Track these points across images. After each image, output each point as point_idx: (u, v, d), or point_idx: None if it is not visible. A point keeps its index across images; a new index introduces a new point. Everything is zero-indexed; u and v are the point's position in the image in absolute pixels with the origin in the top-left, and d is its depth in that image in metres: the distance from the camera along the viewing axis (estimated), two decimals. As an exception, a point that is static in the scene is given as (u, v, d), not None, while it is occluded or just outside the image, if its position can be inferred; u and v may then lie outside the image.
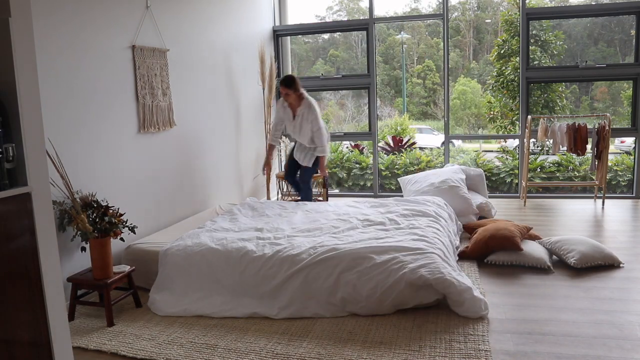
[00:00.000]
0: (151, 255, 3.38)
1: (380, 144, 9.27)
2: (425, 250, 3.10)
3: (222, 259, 3.18)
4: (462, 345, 2.49)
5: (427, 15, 10.80)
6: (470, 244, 3.91)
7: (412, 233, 3.45)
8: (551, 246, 3.81)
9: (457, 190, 4.96)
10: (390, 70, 16.62)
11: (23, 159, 1.83)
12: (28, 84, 1.85)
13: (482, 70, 15.63)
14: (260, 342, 2.61)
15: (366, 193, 7.12)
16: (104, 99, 3.49)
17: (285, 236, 3.49)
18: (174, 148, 4.35)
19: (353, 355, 2.42)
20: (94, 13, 3.39)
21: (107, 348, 2.60)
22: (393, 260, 2.97)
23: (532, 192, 6.69)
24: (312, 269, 3.02)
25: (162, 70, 4.12)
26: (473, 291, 2.83)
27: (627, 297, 3.06)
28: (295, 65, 13.77)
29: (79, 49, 3.26)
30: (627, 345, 2.46)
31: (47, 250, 1.91)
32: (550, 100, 10.40)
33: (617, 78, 8.45)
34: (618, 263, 3.60)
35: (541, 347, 2.47)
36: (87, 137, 3.34)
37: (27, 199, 1.84)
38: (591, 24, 11.87)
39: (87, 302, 3.07)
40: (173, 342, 2.63)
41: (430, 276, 2.82)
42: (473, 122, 15.08)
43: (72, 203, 2.93)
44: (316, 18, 15.14)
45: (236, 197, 5.47)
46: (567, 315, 2.82)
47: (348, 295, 2.92)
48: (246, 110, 5.82)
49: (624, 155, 7.45)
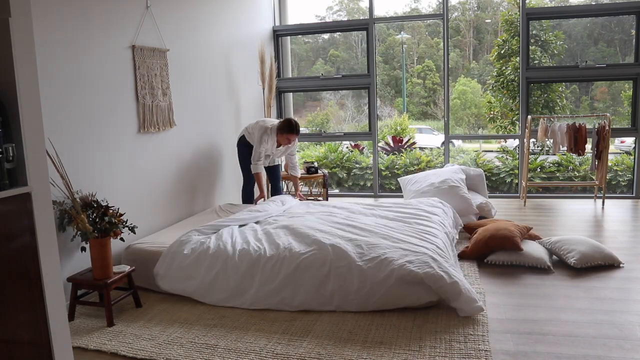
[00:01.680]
0: (151, 255, 3.38)
1: (380, 144, 9.27)
2: (416, 245, 3.15)
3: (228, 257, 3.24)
4: (462, 345, 2.49)
5: (427, 15, 10.80)
6: (470, 244, 3.91)
7: (405, 229, 3.52)
8: (551, 246, 3.81)
9: (457, 190, 4.96)
10: (390, 70, 16.62)
11: (23, 159, 1.83)
12: (28, 84, 1.85)
13: (482, 70, 15.63)
14: (260, 342, 2.61)
15: (366, 193, 7.12)
16: (104, 99, 3.49)
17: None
18: (174, 148, 4.35)
19: (353, 355, 2.42)
20: (94, 13, 3.39)
21: (107, 348, 2.60)
22: (384, 255, 3.01)
23: (532, 192, 6.69)
24: (305, 259, 3.08)
25: (162, 70, 4.12)
26: (465, 284, 2.86)
27: (627, 297, 3.06)
28: (295, 65, 13.78)
29: (79, 49, 3.26)
30: (627, 345, 2.46)
31: (47, 250, 1.91)
32: (550, 100, 10.40)
33: (617, 78, 8.44)
34: (618, 263, 3.60)
35: (541, 347, 2.47)
36: (87, 137, 3.34)
37: (27, 199, 1.84)
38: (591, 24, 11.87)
39: (87, 302, 3.07)
40: (173, 342, 2.63)
41: (419, 271, 2.84)
42: (473, 122, 15.08)
43: (72, 203, 2.93)
44: (316, 18, 15.15)
45: (236, 197, 5.47)
46: (567, 315, 2.82)
47: (338, 288, 2.96)
48: (246, 110, 5.82)
49: (624, 155, 7.45)
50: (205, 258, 3.23)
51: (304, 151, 8.75)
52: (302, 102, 14.03)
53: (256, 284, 3.09)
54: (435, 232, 3.50)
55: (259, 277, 3.10)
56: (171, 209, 4.29)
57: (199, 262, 3.23)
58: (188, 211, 4.56)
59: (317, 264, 3.04)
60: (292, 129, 4.59)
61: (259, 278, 3.10)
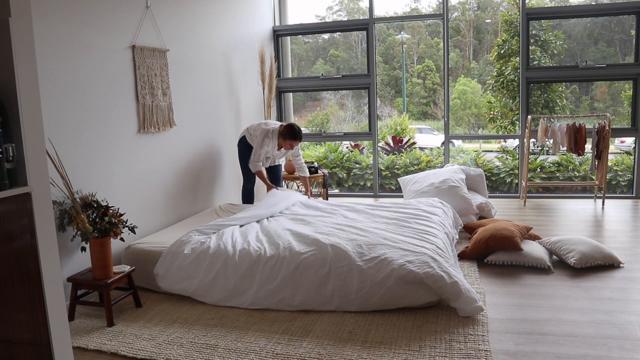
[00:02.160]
0: (151, 255, 3.38)
1: (380, 144, 9.27)
2: (416, 245, 3.16)
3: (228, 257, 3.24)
4: (462, 345, 2.49)
5: (427, 15, 10.80)
6: (470, 244, 3.91)
7: (405, 229, 3.53)
8: (551, 246, 3.81)
9: (457, 190, 4.96)
10: (390, 70, 16.62)
11: (23, 159, 1.83)
12: (28, 84, 1.85)
13: (482, 70, 15.63)
14: (260, 342, 2.61)
15: (366, 193, 7.12)
16: (104, 99, 3.49)
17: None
18: (174, 148, 4.35)
19: (353, 355, 2.42)
20: (93, 13, 3.39)
21: (107, 348, 2.60)
22: (384, 256, 3.01)
23: (532, 192, 6.69)
24: (305, 259, 3.08)
25: (162, 70, 4.12)
26: (465, 284, 2.86)
27: (627, 297, 3.06)
28: (295, 65, 13.78)
29: (79, 49, 3.26)
30: (627, 345, 2.46)
31: (47, 250, 1.91)
32: (550, 100, 10.40)
33: (617, 78, 8.44)
34: (618, 263, 3.60)
35: (541, 347, 2.47)
36: (87, 137, 3.34)
37: (27, 199, 1.84)
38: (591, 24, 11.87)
39: (87, 302, 3.07)
40: (173, 342, 2.63)
41: (419, 271, 2.85)
42: (473, 122, 15.08)
43: (72, 203, 2.93)
44: (316, 18, 15.15)
45: (236, 198, 5.47)
46: (567, 315, 2.82)
47: (338, 288, 2.97)
48: (246, 110, 5.82)
49: (624, 155, 7.45)
50: (206, 258, 3.23)
51: (304, 151, 8.76)
52: (302, 102, 14.03)
53: (256, 284, 3.09)
54: (435, 232, 3.51)
55: (259, 277, 3.10)
56: (171, 209, 4.29)
57: (199, 262, 3.23)
58: (188, 211, 4.56)
59: (317, 264, 3.05)
60: (295, 135, 4.56)
61: (259, 278, 3.10)
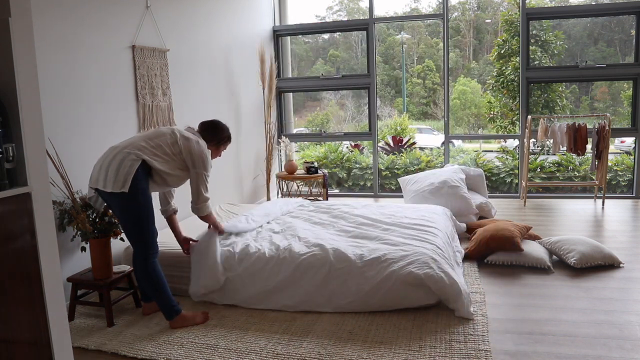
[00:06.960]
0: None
1: (380, 144, 9.27)
2: (416, 246, 3.15)
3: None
4: (462, 345, 2.49)
5: (427, 15, 10.81)
6: (470, 244, 3.91)
7: (405, 231, 3.52)
8: (551, 246, 3.81)
9: (457, 190, 4.96)
10: (390, 70, 16.63)
11: (23, 159, 1.82)
12: (28, 84, 1.85)
13: (482, 70, 15.64)
14: (260, 342, 2.61)
15: (366, 193, 7.12)
16: (104, 99, 3.49)
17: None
18: (174, 148, 4.34)
19: (353, 355, 2.42)
20: (94, 13, 3.39)
21: (107, 348, 2.59)
22: (384, 257, 3.01)
23: (532, 192, 6.69)
24: (305, 259, 3.07)
25: (162, 70, 4.12)
26: (463, 286, 2.87)
27: (627, 297, 3.06)
28: (295, 65, 13.77)
29: (79, 49, 3.26)
30: (627, 345, 2.46)
31: (47, 250, 1.91)
32: (550, 100, 10.41)
33: (617, 78, 8.45)
34: (618, 263, 3.60)
35: (541, 347, 2.47)
36: (87, 137, 3.34)
37: (27, 199, 1.84)
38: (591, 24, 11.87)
39: (87, 302, 3.06)
40: (173, 342, 2.63)
41: (419, 272, 2.84)
42: (473, 122, 15.09)
43: (72, 203, 2.93)
44: (316, 18, 15.15)
45: (236, 198, 5.47)
46: (567, 315, 2.82)
47: (338, 289, 2.97)
48: (246, 110, 5.82)
49: (624, 155, 7.45)
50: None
51: (304, 151, 8.76)
52: (302, 102, 14.04)
53: (256, 284, 3.09)
54: (435, 232, 3.50)
55: (258, 277, 3.10)
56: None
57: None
58: (188, 211, 4.54)
59: (317, 265, 3.04)
60: (229, 133, 3.17)
61: (258, 278, 3.10)
